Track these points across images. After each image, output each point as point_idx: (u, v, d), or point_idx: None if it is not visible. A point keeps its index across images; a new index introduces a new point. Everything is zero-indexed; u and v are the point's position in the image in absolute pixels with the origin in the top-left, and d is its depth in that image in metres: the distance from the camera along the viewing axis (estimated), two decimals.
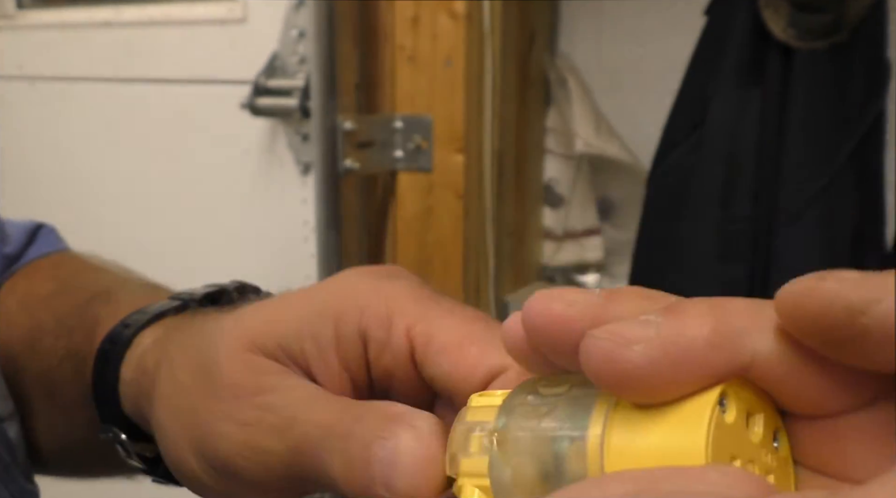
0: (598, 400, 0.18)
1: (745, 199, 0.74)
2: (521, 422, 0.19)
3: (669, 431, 0.17)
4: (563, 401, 0.19)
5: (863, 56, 0.69)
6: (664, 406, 0.17)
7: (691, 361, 0.16)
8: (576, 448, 0.18)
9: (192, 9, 1.05)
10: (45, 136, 1.22)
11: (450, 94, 0.86)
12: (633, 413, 0.17)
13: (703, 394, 0.16)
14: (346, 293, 0.25)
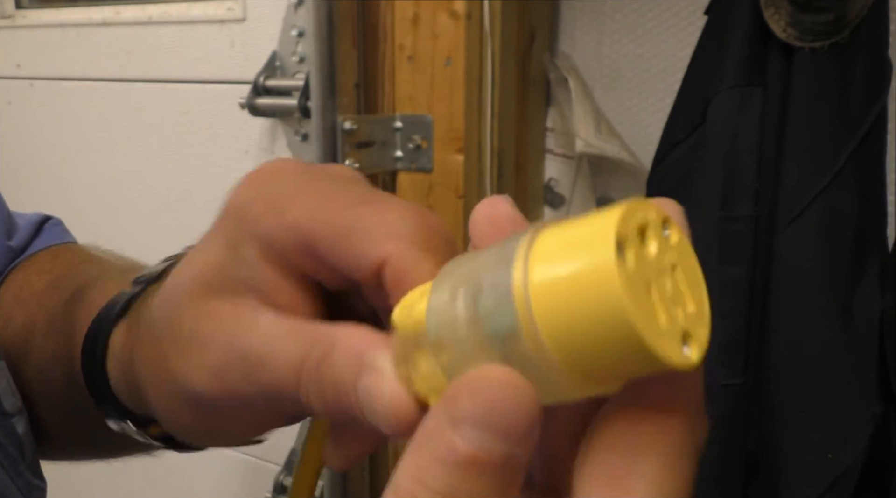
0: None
1: (746, 198, 0.74)
2: (448, 327, 0.21)
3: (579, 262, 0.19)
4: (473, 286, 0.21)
5: (864, 56, 0.68)
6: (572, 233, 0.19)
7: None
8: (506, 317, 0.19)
9: (192, 8, 1.04)
10: (44, 136, 1.22)
11: (450, 94, 0.86)
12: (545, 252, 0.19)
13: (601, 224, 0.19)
14: (241, 204, 0.26)
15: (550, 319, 0.19)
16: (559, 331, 0.19)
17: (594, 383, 0.19)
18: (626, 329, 0.18)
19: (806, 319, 0.71)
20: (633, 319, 0.18)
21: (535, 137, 1.04)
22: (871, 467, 0.71)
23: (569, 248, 0.19)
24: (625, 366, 0.19)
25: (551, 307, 0.19)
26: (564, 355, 0.19)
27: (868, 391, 0.70)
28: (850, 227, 0.70)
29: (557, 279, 0.19)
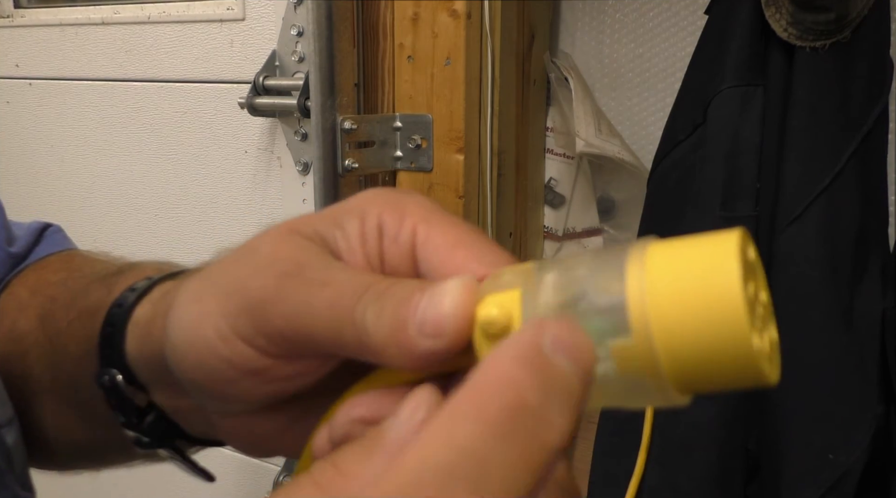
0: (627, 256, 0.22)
1: (747, 198, 0.74)
2: (553, 270, 0.23)
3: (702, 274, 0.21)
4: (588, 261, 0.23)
5: (865, 55, 0.68)
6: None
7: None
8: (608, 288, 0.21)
9: (191, 8, 1.04)
10: (43, 136, 1.21)
11: (450, 94, 0.86)
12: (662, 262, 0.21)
13: (722, 241, 0.22)
14: (369, 198, 0.28)
15: (667, 330, 0.20)
16: (674, 343, 0.20)
17: (679, 394, 0.21)
18: (747, 352, 0.20)
19: (807, 319, 0.71)
20: (754, 344, 0.20)
21: (535, 137, 1.04)
22: (873, 468, 0.71)
23: (690, 268, 0.21)
24: (726, 382, 0.21)
25: (670, 319, 0.20)
26: (673, 366, 0.20)
27: (869, 392, 0.70)
28: (852, 227, 0.70)
29: (681, 295, 0.20)
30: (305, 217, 0.29)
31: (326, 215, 0.28)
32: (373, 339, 0.24)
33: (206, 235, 1.09)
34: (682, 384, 0.21)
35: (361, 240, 0.27)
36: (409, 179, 0.90)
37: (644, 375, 0.21)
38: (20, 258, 0.47)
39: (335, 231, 0.27)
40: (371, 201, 0.28)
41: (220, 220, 1.08)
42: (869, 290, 0.71)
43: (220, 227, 1.08)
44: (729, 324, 0.20)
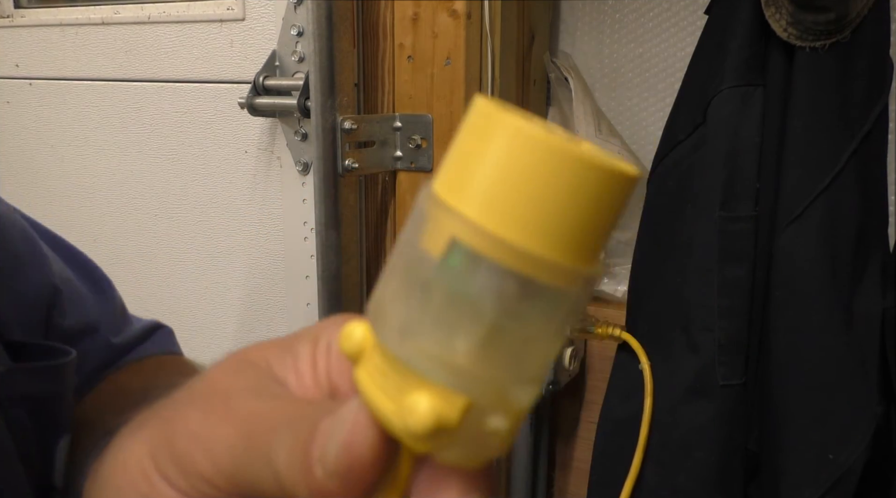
0: None
1: (747, 198, 0.74)
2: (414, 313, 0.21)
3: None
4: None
5: (865, 55, 0.68)
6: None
7: None
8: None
9: (191, 8, 1.04)
10: (43, 136, 1.21)
11: (449, 94, 0.86)
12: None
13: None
14: (326, 323, 0.27)
15: (497, 213, 0.19)
16: (518, 216, 0.19)
17: (572, 262, 0.19)
18: (572, 157, 0.18)
19: (807, 318, 0.71)
20: (572, 148, 0.19)
21: None
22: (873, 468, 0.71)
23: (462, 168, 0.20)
24: (589, 208, 0.19)
25: (496, 211, 0.19)
26: (541, 237, 0.19)
27: (869, 391, 0.70)
28: (852, 227, 0.70)
29: (481, 187, 0.19)
30: (260, 344, 0.27)
31: (281, 342, 0.27)
32: (286, 481, 0.22)
33: (206, 235, 1.09)
34: (571, 251, 0.19)
35: (312, 363, 0.26)
36: (408, 179, 0.90)
37: (545, 281, 0.19)
38: (121, 350, 0.50)
39: (286, 357, 0.26)
40: (326, 326, 0.27)
41: (220, 220, 1.08)
42: (869, 290, 0.70)
43: (220, 227, 1.08)
44: (539, 152, 0.19)
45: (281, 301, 1.04)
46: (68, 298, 0.49)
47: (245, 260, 1.06)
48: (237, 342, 1.09)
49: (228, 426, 0.24)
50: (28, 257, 0.48)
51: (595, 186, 0.19)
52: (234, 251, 1.07)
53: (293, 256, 1.01)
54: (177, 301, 1.13)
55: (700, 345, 0.77)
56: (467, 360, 0.19)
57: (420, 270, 0.20)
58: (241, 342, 1.09)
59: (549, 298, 0.19)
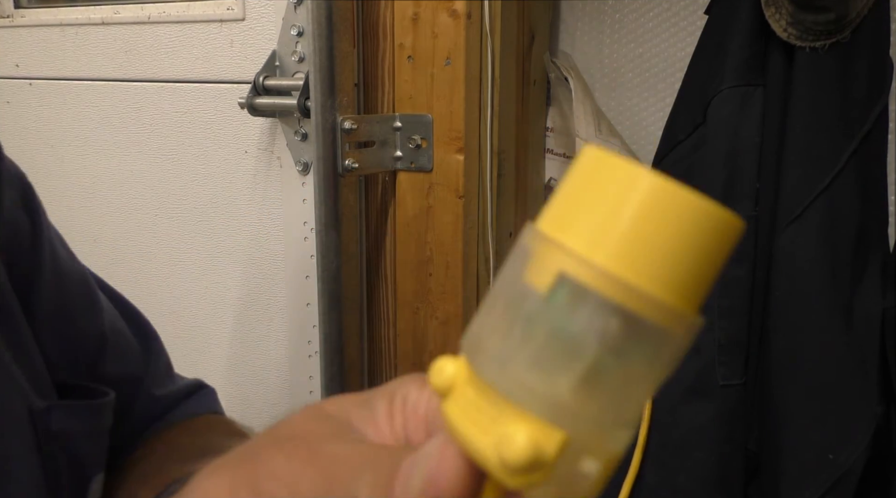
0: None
1: (747, 198, 0.74)
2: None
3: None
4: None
5: (865, 55, 0.68)
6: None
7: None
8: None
9: (191, 8, 1.04)
10: (43, 136, 1.21)
11: (449, 94, 0.86)
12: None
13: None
14: (403, 380, 0.28)
15: (623, 258, 0.19)
16: (640, 264, 0.19)
17: (688, 309, 0.20)
18: (705, 210, 0.19)
19: (807, 318, 0.71)
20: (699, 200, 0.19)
21: (535, 137, 1.04)
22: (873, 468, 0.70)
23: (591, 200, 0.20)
24: (707, 255, 0.19)
25: (616, 254, 0.19)
26: (658, 282, 0.19)
27: (869, 391, 0.70)
28: (852, 227, 0.70)
29: (600, 225, 0.19)
30: (337, 398, 0.28)
31: (357, 396, 0.28)
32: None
33: (206, 235, 1.09)
34: (679, 294, 0.19)
35: (389, 416, 0.27)
36: (408, 179, 0.90)
37: (652, 320, 0.19)
38: (164, 403, 0.53)
39: (363, 410, 0.27)
40: (402, 382, 0.28)
41: (220, 220, 1.08)
42: (869, 290, 0.70)
43: (220, 227, 1.08)
44: (672, 202, 0.19)
45: (281, 301, 1.04)
46: (115, 347, 0.52)
47: (245, 260, 1.06)
48: (237, 342, 1.09)
49: (312, 468, 0.24)
50: (83, 305, 0.51)
51: (707, 232, 0.19)
52: (234, 251, 1.07)
53: (293, 256, 1.01)
54: (176, 301, 1.13)
55: (700, 345, 0.77)
56: (568, 395, 0.19)
57: (523, 304, 0.20)
58: (240, 342, 1.09)
59: (654, 338, 0.19)
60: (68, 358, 0.48)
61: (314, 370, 1.00)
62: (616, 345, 0.19)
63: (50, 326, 0.47)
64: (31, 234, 0.47)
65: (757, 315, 0.75)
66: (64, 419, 0.43)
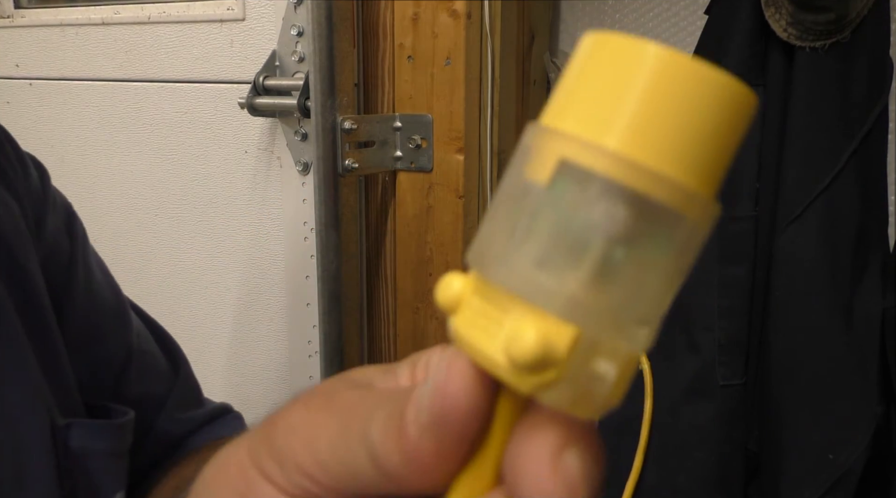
0: None
1: (747, 198, 0.74)
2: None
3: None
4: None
5: (865, 55, 0.68)
6: None
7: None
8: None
9: (191, 8, 1.04)
10: (43, 136, 1.21)
11: (449, 94, 0.86)
12: None
13: None
14: (431, 350, 0.27)
15: (637, 136, 0.18)
16: (654, 144, 0.17)
17: (704, 191, 0.18)
18: (709, 77, 0.18)
19: (807, 318, 0.71)
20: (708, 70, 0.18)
21: None
22: (873, 468, 0.71)
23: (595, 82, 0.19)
24: (721, 132, 0.18)
25: (632, 134, 0.18)
26: (658, 152, 0.18)
27: (869, 391, 0.70)
28: (852, 227, 0.70)
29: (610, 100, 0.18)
30: (361, 367, 0.28)
31: (383, 366, 0.27)
32: (380, 453, 0.21)
33: (206, 235, 1.09)
34: (692, 174, 0.18)
35: (411, 381, 0.26)
36: (408, 179, 0.90)
37: (662, 200, 0.18)
38: (187, 425, 0.54)
39: (387, 376, 0.26)
40: (425, 351, 0.27)
41: (220, 220, 1.08)
42: (869, 290, 0.70)
43: (221, 227, 1.08)
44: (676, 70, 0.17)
45: (281, 301, 1.04)
46: (141, 367, 0.53)
47: (245, 260, 1.06)
48: (237, 342, 1.09)
49: (327, 415, 0.23)
50: (112, 328, 0.52)
51: (721, 106, 0.18)
52: (234, 251, 1.07)
53: (293, 256, 1.01)
54: (176, 301, 1.13)
55: (700, 345, 0.77)
56: (579, 288, 0.18)
57: (526, 200, 0.19)
58: (240, 342, 1.09)
59: (667, 222, 0.18)
60: (92, 378, 0.49)
61: (314, 370, 1.00)
62: (626, 232, 0.18)
63: (77, 345, 0.48)
64: (69, 256, 0.50)
65: (757, 315, 0.75)
66: (83, 437, 0.43)
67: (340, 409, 0.23)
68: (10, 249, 0.44)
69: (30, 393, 0.42)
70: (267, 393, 1.07)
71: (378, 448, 0.21)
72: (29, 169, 0.51)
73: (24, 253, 0.45)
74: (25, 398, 0.42)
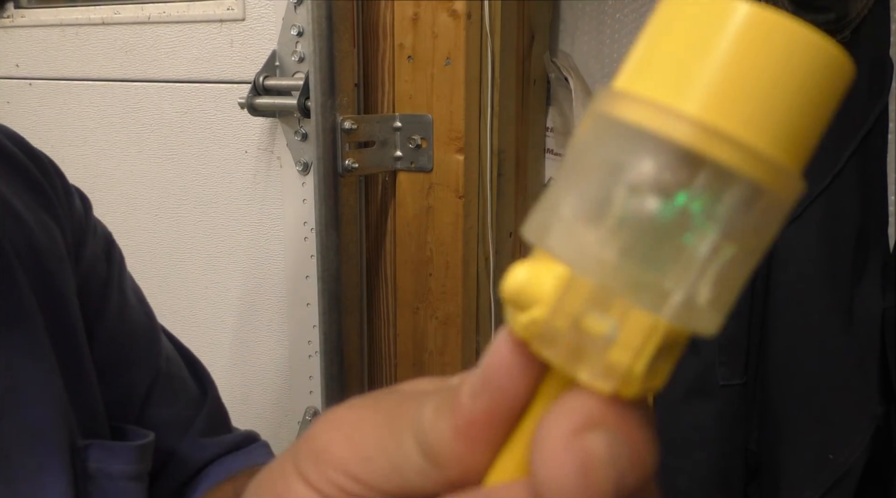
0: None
1: None
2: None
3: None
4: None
5: (865, 55, 0.68)
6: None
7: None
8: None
9: (191, 8, 1.04)
10: (43, 136, 1.21)
11: (449, 94, 0.86)
12: None
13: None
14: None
15: (723, 105, 0.16)
16: (742, 110, 0.16)
17: (791, 163, 0.17)
18: (809, 40, 0.16)
19: (806, 318, 0.71)
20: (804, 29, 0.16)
21: (535, 137, 1.04)
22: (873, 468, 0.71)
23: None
24: (814, 102, 0.17)
25: (719, 100, 0.16)
26: (762, 131, 0.16)
27: (869, 392, 0.70)
28: (851, 227, 0.70)
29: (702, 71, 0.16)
30: (414, 380, 0.27)
31: (435, 378, 0.27)
32: (432, 434, 0.20)
33: (206, 235, 1.09)
34: (784, 148, 0.16)
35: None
36: (408, 180, 0.90)
37: (751, 176, 0.16)
38: (212, 450, 0.54)
39: (437, 384, 0.25)
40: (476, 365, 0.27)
41: (220, 220, 1.08)
42: (869, 290, 0.70)
43: (221, 226, 1.08)
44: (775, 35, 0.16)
45: (281, 301, 1.04)
46: (166, 391, 0.54)
47: (245, 260, 1.06)
48: (237, 342, 1.09)
49: (375, 412, 0.23)
50: (142, 349, 0.54)
51: (817, 70, 0.16)
52: (234, 251, 1.07)
53: (293, 256, 1.01)
54: (176, 301, 1.13)
55: (700, 345, 0.77)
56: (594, 241, 0.17)
57: (594, 170, 0.17)
58: (240, 342, 1.09)
59: (743, 195, 0.17)
60: (119, 400, 0.50)
61: (314, 370, 1.00)
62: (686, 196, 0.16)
63: (106, 367, 0.49)
64: (105, 281, 0.53)
65: (757, 315, 0.75)
66: (101, 459, 0.44)
67: (389, 406, 0.23)
68: (47, 271, 0.46)
69: (53, 412, 0.43)
70: (267, 393, 1.07)
71: (428, 429, 0.20)
72: (73, 198, 0.54)
73: (61, 275, 0.47)
74: (49, 417, 0.42)
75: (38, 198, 0.49)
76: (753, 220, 0.17)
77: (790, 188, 0.17)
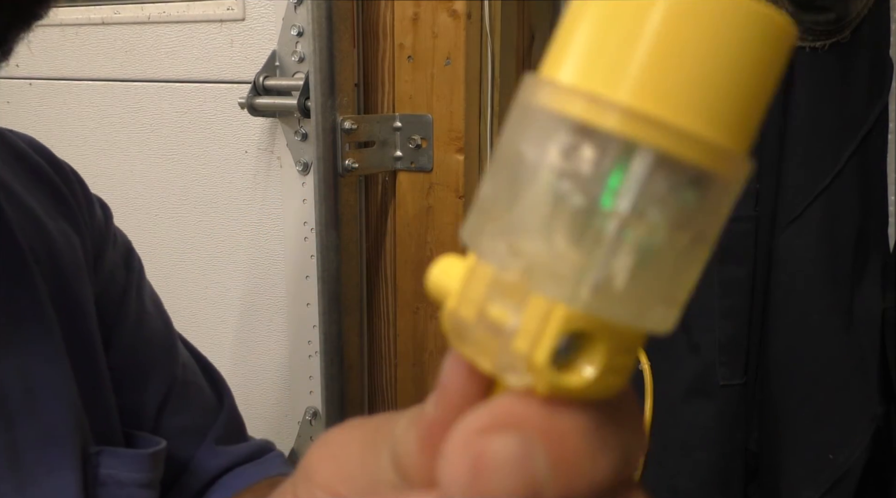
0: None
1: (747, 198, 0.74)
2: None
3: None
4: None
5: (865, 55, 0.68)
6: None
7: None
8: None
9: (191, 8, 1.04)
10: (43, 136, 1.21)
11: (449, 94, 0.86)
12: None
13: None
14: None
15: (655, 91, 0.15)
16: (679, 94, 0.15)
17: (733, 144, 0.16)
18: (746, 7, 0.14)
19: (807, 318, 0.71)
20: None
21: None
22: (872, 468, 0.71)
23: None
24: (755, 74, 0.15)
25: (645, 85, 0.15)
26: (699, 113, 0.15)
27: (869, 392, 0.70)
28: (851, 227, 0.70)
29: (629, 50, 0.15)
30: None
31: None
32: (400, 446, 0.20)
33: (206, 235, 1.09)
34: (723, 127, 0.15)
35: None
36: (408, 179, 0.90)
37: (688, 160, 0.15)
38: (226, 458, 0.54)
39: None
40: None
41: (220, 220, 1.08)
42: (869, 290, 0.70)
43: (221, 227, 1.08)
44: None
45: (281, 301, 1.04)
46: (184, 398, 0.54)
47: (245, 260, 1.06)
48: (237, 342, 1.09)
49: (362, 432, 0.23)
50: (159, 356, 0.54)
51: (750, 36, 0.15)
52: (234, 251, 1.07)
53: (293, 256, 1.01)
54: (177, 301, 1.13)
55: (700, 345, 0.77)
56: (496, 212, 0.16)
57: (521, 167, 0.16)
58: (240, 342, 1.09)
59: (682, 182, 0.16)
60: (135, 408, 0.50)
61: (314, 370, 1.00)
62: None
63: (122, 374, 0.50)
64: (123, 288, 0.53)
65: (757, 315, 0.75)
66: (113, 465, 0.44)
67: (377, 424, 0.23)
68: (65, 278, 0.47)
69: (68, 416, 0.43)
70: (267, 393, 1.07)
71: (399, 442, 0.20)
72: (94, 207, 0.55)
73: (79, 283, 0.48)
74: (63, 421, 0.43)
75: (60, 206, 0.50)
76: (678, 203, 0.16)
77: (737, 171, 0.16)
